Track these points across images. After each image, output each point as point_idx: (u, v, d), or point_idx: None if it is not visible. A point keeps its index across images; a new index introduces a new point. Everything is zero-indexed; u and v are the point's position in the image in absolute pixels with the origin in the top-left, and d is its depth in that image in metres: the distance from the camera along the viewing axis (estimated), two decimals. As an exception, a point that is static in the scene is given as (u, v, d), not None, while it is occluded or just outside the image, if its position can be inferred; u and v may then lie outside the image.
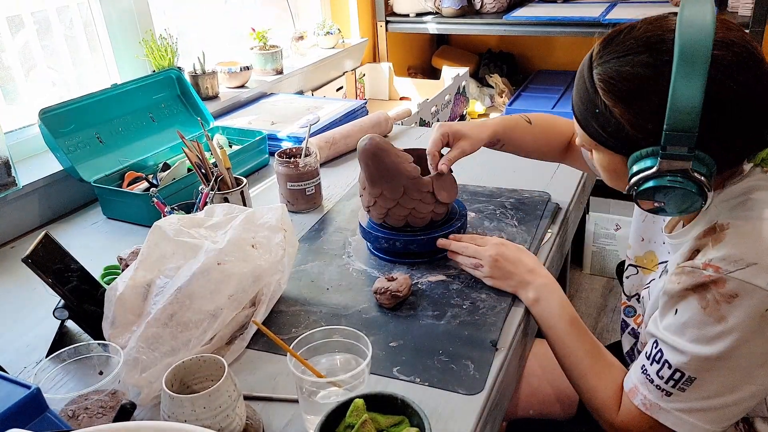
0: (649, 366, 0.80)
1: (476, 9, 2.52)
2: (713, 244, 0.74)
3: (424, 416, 0.63)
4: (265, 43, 1.99)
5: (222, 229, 0.93)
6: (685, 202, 0.74)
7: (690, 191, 0.72)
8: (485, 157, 1.51)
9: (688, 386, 0.76)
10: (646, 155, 0.73)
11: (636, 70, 0.72)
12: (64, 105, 1.34)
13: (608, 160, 0.81)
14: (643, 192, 0.75)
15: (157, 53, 1.62)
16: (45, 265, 0.85)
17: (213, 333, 0.83)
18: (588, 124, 0.79)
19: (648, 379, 0.80)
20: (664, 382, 0.77)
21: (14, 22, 1.46)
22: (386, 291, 0.93)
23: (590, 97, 0.77)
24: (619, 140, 0.76)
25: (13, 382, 0.63)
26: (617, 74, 0.73)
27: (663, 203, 0.75)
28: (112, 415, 0.72)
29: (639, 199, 0.76)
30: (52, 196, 1.35)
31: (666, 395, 0.77)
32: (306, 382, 0.72)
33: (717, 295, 0.71)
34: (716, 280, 0.71)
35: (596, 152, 0.83)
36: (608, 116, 0.75)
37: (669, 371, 0.77)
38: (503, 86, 2.70)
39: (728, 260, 0.71)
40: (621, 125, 0.75)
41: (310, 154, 1.27)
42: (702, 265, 0.73)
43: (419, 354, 0.86)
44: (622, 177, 0.80)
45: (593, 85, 0.76)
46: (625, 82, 0.73)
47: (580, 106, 0.80)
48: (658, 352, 0.79)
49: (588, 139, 0.81)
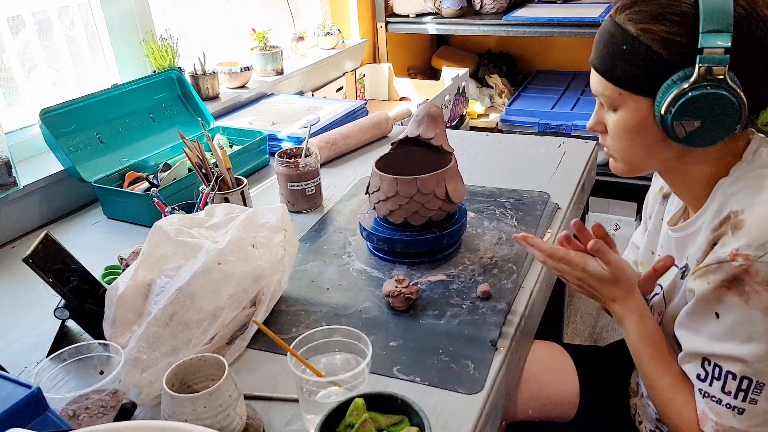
0: (709, 387, 0.76)
1: (476, 9, 2.52)
2: (733, 231, 0.72)
3: (424, 416, 0.63)
4: (266, 43, 2.00)
5: (222, 229, 0.93)
6: (723, 117, 0.72)
7: (731, 101, 0.71)
8: (485, 157, 1.52)
9: (758, 395, 0.73)
10: (678, 79, 0.72)
11: (661, 0, 0.74)
12: (64, 105, 1.34)
13: (632, 113, 0.78)
14: (680, 109, 0.72)
15: (157, 54, 1.62)
16: (46, 265, 0.85)
17: (213, 333, 0.83)
18: (614, 69, 0.77)
19: (714, 401, 0.76)
20: (733, 397, 0.74)
21: (15, 23, 1.46)
22: (400, 294, 0.93)
23: (615, 39, 0.76)
24: (649, 73, 0.74)
25: (13, 382, 0.64)
26: (646, 5, 0.74)
27: (700, 122, 0.72)
28: (113, 415, 0.72)
29: (676, 120, 0.73)
30: (52, 196, 1.35)
31: (738, 413, 0.74)
32: (306, 381, 0.72)
33: (754, 284, 0.69)
34: (747, 268, 0.69)
35: (620, 111, 0.80)
36: (636, 47, 0.74)
37: (735, 383, 0.73)
38: (503, 87, 2.70)
39: (754, 246, 0.69)
40: (651, 51, 0.73)
41: (310, 155, 1.27)
42: (729, 256, 0.71)
43: (419, 353, 0.86)
44: (647, 132, 0.78)
45: (618, 26, 0.76)
46: (654, 7, 0.74)
47: (604, 55, 0.78)
48: (714, 368, 0.75)
49: (613, 93, 0.78)
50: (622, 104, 0.79)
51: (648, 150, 0.80)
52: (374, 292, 1.00)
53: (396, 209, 1.04)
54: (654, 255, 0.98)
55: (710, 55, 0.70)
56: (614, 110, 0.81)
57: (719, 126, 0.73)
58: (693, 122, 0.73)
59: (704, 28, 0.70)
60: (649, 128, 0.77)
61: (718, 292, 0.73)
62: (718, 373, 0.75)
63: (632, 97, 0.77)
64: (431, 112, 1.09)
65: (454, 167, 1.07)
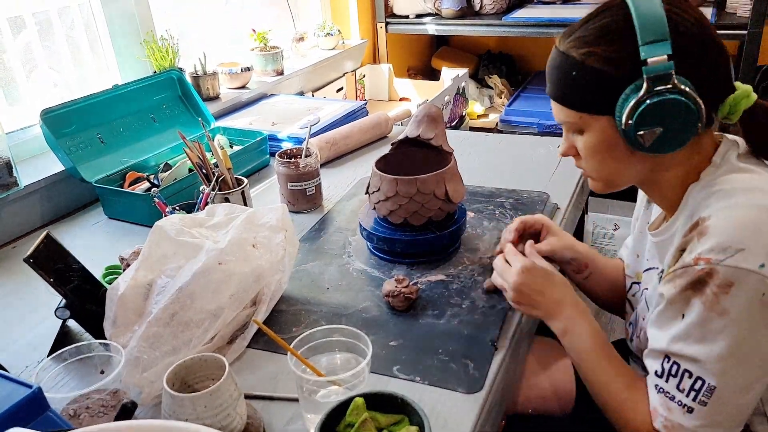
0: (665, 383, 0.78)
1: (475, 10, 2.53)
2: (698, 238, 0.74)
3: (423, 415, 0.63)
4: (266, 44, 2.00)
5: (223, 229, 0.94)
6: (682, 120, 0.74)
7: (685, 103, 0.73)
8: (484, 157, 1.52)
9: (708, 398, 0.74)
10: (630, 92, 0.75)
11: (598, 23, 0.78)
12: (65, 106, 1.34)
13: (597, 132, 0.80)
14: (639, 120, 0.74)
15: (158, 54, 1.62)
16: (46, 265, 0.85)
17: (214, 332, 0.84)
18: (569, 96, 0.80)
19: (668, 397, 0.77)
20: (685, 395, 0.75)
21: (16, 23, 1.46)
22: (400, 294, 0.93)
23: (564, 67, 0.79)
24: (602, 92, 0.77)
25: (14, 382, 0.64)
26: (583, 31, 0.78)
27: (661, 128, 0.75)
28: (114, 414, 0.72)
29: (639, 131, 0.75)
30: (53, 197, 1.35)
31: (688, 411, 0.75)
32: (306, 381, 0.72)
33: (714, 287, 0.71)
34: (709, 271, 0.71)
35: (586, 134, 0.82)
36: (585, 71, 0.77)
37: (689, 381, 0.75)
38: (502, 87, 2.70)
39: (716, 250, 0.71)
40: (599, 72, 0.76)
41: (310, 155, 1.27)
42: (693, 260, 0.73)
43: (419, 353, 0.86)
44: (615, 148, 0.80)
45: (564, 55, 0.79)
46: (592, 30, 0.77)
47: (557, 84, 0.82)
48: (672, 365, 0.77)
49: (574, 118, 0.81)
50: (586, 127, 0.81)
51: (620, 164, 0.83)
52: (374, 292, 1.00)
53: (396, 209, 1.04)
54: (639, 258, 0.99)
55: (655, 64, 0.73)
56: (581, 134, 0.83)
57: (681, 128, 0.75)
58: (655, 130, 0.75)
59: (643, 40, 0.73)
60: (615, 144, 0.80)
61: (683, 294, 0.74)
62: (675, 371, 0.77)
63: (593, 117, 0.80)
64: (431, 113, 1.09)
65: (454, 167, 1.07)
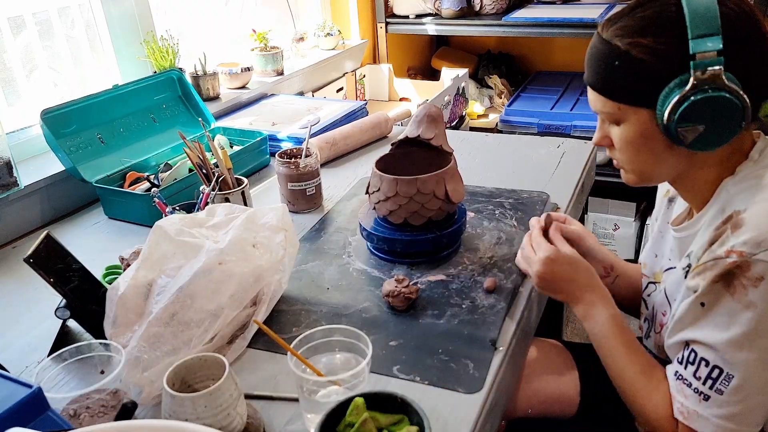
0: (684, 369, 0.78)
1: (475, 10, 2.52)
2: (732, 230, 0.73)
3: (423, 415, 0.63)
4: (266, 44, 2.00)
5: (223, 229, 0.94)
6: (726, 118, 0.72)
7: (732, 101, 0.71)
8: (484, 157, 1.52)
9: (725, 387, 0.74)
10: (675, 86, 0.73)
11: (647, 12, 0.75)
12: (65, 106, 1.34)
13: (635, 125, 0.79)
14: (682, 116, 0.72)
15: (158, 54, 1.62)
16: (47, 265, 0.85)
17: (214, 332, 0.84)
18: (609, 85, 0.78)
19: (685, 383, 0.77)
20: (702, 383, 0.75)
21: (16, 23, 1.46)
22: (400, 294, 0.93)
23: (606, 55, 0.77)
24: (645, 84, 0.75)
25: (14, 382, 0.64)
26: (630, 20, 0.76)
27: (704, 126, 0.73)
28: (114, 414, 0.72)
29: (680, 127, 0.73)
30: (53, 197, 1.35)
31: (704, 399, 0.75)
32: (306, 381, 0.72)
33: (744, 279, 0.70)
34: (741, 264, 0.70)
35: (623, 125, 0.80)
36: (629, 61, 0.75)
37: (706, 369, 0.75)
38: (502, 87, 2.70)
39: (750, 243, 0.70)
40: (643, 63, 0.74)
41: (310, 155, 1.27)
42: (725, 253, 0.72)
43: (419, 353, 0.86)
44: (652, 142, 0.78)
45: (607, 43, 0.77)
46: (638, 20, 0.75)
47: (597, 72, 0.79)
48: (690, 353, 0.77)
49: (612, 108, 0.79)
50: (624, 118, 0.80)
51: (656, 158, 0.81)
52: (374, 292, 1.00)
53: (396, 209, 1.04)
54: (657, 258, 0.99)
55: (703, 59, 0.71)
56: (617, 124, 0.81)
57: (724, 127, 0.74)
58: (697, 127, 0.73)
59: (693, 33, 0.71)
60: (654, 137, 0.78)
61: (712, 286, 0.74)
62: (693, 358, 0.77)
63: (632, 109, 0.78)
64: (431, 113, 1.09)
65: (454, 167, 1.07)
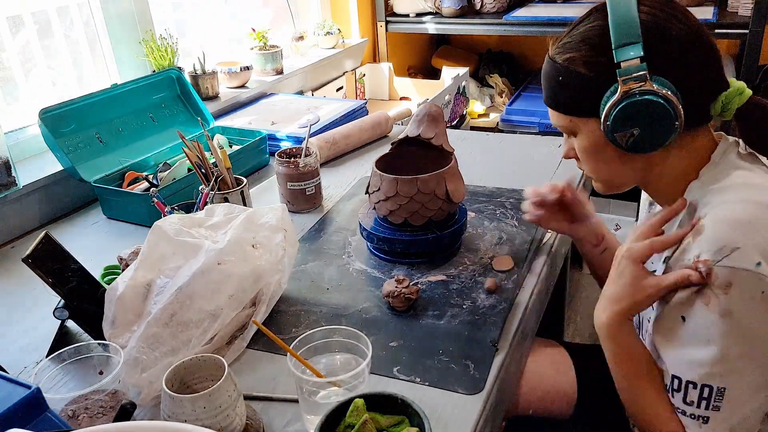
0: (673, 398, 0.77)
1: (476, 9, 2.52)
2: (694, 238, 0.74)
3: (424, 416, 0.63)
4: (265, 43, 2.00)
5: (222, 229, 0.93)
6: (656, 120, 0.74)
7: (659, 103, 0.73)
8: (485, 156, 1.52)
9: (720, 402, 0.73)
10: (610, 95, 0.76)
11: (581, 29, 0.80)
12: (64, 105, 1.34)
13: (587, 134, 0.82)
14: (615, 122, 0.76)
15: (157, 53, 1.62)
16: (45, 265, 0.85)
17: (213, 333, 0.83)
18: (558, 99, 0.83)
19: (679, 412, 0.76)
20: (695, 406, 0.74)
21: (14, 22, 1.46)
22: (400, 294, 0.93)
23: (552, 73, 0.82)
24: (585, 96, 0.79)
25: (13, 382, 0.63)
26: (568, 38, 0.81)
27: (638, 129, 0.76)
28: (113, 415, 0.72)
29: (616, 133, 0.77)
30: (52, 196, 1.35)
31: (703, 422, 0.74)
32: (306, 382, 0.72)
33: (714, 288, 0.71)
34: (708, 273, 0.71)
35: (578, 137, 0.84)
36: (569, 75, 0.79)
37: (696, 391, 0.74)
38: (503, 86, 2.70)
39: (712, 251, 0.71)
40: (581, 76, 0.78)
41: (310, 154, 1.27)
42: (692, 263, 0.73)
43: (419, 354, 0.86)
44: (605, 149, 0.81)
45: (552, 61, 0.82)
46: (575, 36, 0.80)
47: (547, 89, 0.84)
48: (673, 380, 0.76)
49: (565, 122, 0.83)
50: (577, 129, 0.83)
51: (612, 165, 0.84)
52: (374, 292, 1.00)
53: (396, 209, 1.04)
54: None
55: (627, 67, 0.74)
56: (575, 136, 0.85)
57: (658, 128, 0.76)
58: (632, 131, 0.76)
59: (615, 44, 0.75)
60: (605, 145, 0.81)
61: (686, 297, 0.74)
62: (677, 385, 0.76)
63: (581, 120, 0.82)
64: (431, 112, 1.09)
65: (455, 167, 1.07)
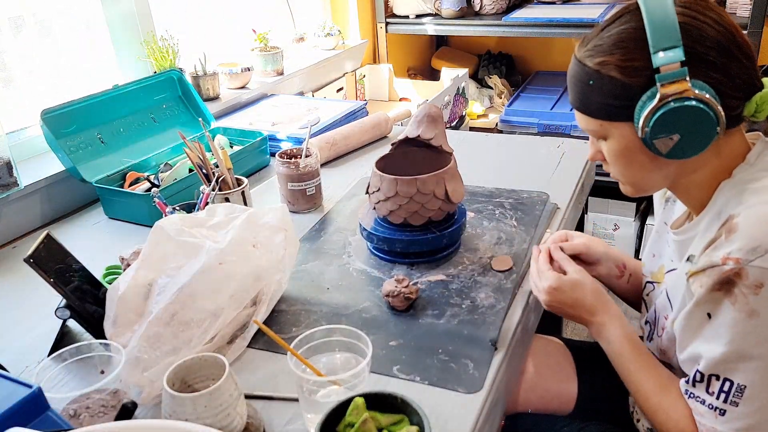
0: (693, 388, 0.78)
1: (475, 10, 2.52)
2: (726, 236, 0.73)
3: (423, 415, 0.63)
4: (266, 44, 2.00)
5: (223, 229, 0.94)
6: (698, 125, 0.73)
7: (700, 109, 0.72)
8: (484, 157, 1.52)
9: (739, 398, 0.73)
10: (647, 100, 0.75)
11: (613, 31, 0.78)
12: (65, 106, 1.34)
13: (619, 138, 0.80)
14: (655, 128, 0.74)
15: (158, 54, 1.62)
16: (47, 265, 0.85)
17: (214, 332, 0.84)
18: (587, 104, 0.81)
19: (698, 401, 0.77)
20: (715, 398, 0.75)
21: (16, 23, 1.46)
22: (399, 294, 0.93)
23: (581, 76, 0.80)
24: (619, 100, 0.77)
25: (14, 382, 0.64)
26: (599, 40, 0.79)
27: (678, 135, 0.74)
28: (114, 414, 0.72)
29: (654, 139, 0.75)
30: (53, 197, 1.35)
31: (720, 414, 0.75)
32: (306, 381, 0.72)
33: (743, 288, 0.70)
34: (738, 271, 0.70)
35: (609, 140, 0.82)
36: (600, 79, 0.78)
37: (718, 383, 0.75)
38: (502, 87, 2.70)
39: (745, 250, 0.70)
40: (614, 80, 0.76)
41: (310, 155, 1.27)
42: (721, 260, 0.72)
43: (419, 353, 0.86)
44: (637, 154, 0.80)
45: (581, 64, 0.80)
46: (606, 39, 0.78)
47: (576, 92, 0.82)
48: (697, 373, 0.77)
49: (595, 126, 0.81)
50: (608, 133, 0.82)
51: (645, 169, 0.82)
52: (374, 292, 1.00)
53: (396, 209, 1.04)
54: (655, 258, 0.99)
55: (667, 71, 0.73)
56: (604, 139, 0.83)
57: (698, 134, 0.75)
58: (671, 137, 0.75)
59: (654, 48, 0.73)
60: (638, 149, 0.80)
61: (711, 295, 0.74)
62: (701, 377, 0.77)
63: (613, 125, 0.80)
64: (431, 113, 1.09)
65: (454, 167, 1.07)
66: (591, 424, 0.99)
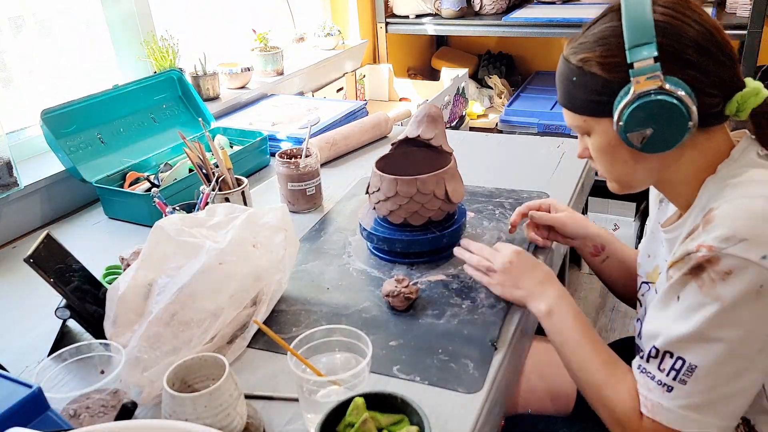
0: (646, 363, 0.79)
1: (475, 10, 2.53)
2: (704, 227, 0.74)
3: (423, 415, 0.63)
4: (266, 44, 2.00)
5: (223, 229, 0.94)
6: (670, 120, 0.75)
7: (671, 103, 0.74)
8: (484, 157, 1.52)
9: (689, 377, 0.74)
10: (623, 95, 0.77)
11: (596, 29, 0.81)
12: (65, 106, 1.35)
13: (601, 134, 0.82)
14: (628, 122, 0.76)
15: (158, 54, 1.62)
16: (47, 265, 0.85)
17: (214, 332, 0.84)
18: (572, 100, 0.83)
19: (648, 376, 0.78)
20: (666, 374, 0.76)
21: (16, 23, 1.46)
22: (399, 294, 0.93)
23: (566, 73, 0.82)
24: (600, 96, 0.79)
25: (14, 382, 0.64)
26: (583, 38, 0.81)
27: (651, 129, 0.76)
28: (114, 414, 0.72)
29: (629, 133, 0.77)
30: (53, 197, 1.36)
31: (667, 390, 0.76)
32: (306, 381, 0.72)
33: (712, 273, 0.71)
34: (710, 258, 0.71)
35: (592, 136, 0.84)
36: (582, 75, 0.80)
37: (671, 361, 0.75)
38: (502, 87, 2.70)
39: (720, 238, 0.71)
40: (594, 76, 0.79)
41: (310, 155, 1.27)
42: (695, 247, 0.73)
43: (419, 353, 0.86)
44: (619, 149, 0.82)
45: (566, 61, 0.82)
46: (589, 37, 0.81)
47: (561, 89, 0.84)
48: (653, 348, 0.78)
49: (579, 122, 0.83)
50: (591, 129, 0.84)
51: (627, 165, 0.84)
52: (374, 292, 1.00)
53: (396, 209, 1.04)
54: (650, 258, 0.99)
55: (641, 67, 0.75)
56: (589, 136, 0.85)
57: (671, 128, 0.76)
58: (645, 131, 0.77)
59: (629, 44, 0.75)
60: (619, 145, 0.81)
61: (682, 278, 0.75)
62: (655, 352, 0.77)
63: (595, 120, 0.82)
64: (431, 113, 1.09)
65: (454, 167, 1.07)
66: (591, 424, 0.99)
